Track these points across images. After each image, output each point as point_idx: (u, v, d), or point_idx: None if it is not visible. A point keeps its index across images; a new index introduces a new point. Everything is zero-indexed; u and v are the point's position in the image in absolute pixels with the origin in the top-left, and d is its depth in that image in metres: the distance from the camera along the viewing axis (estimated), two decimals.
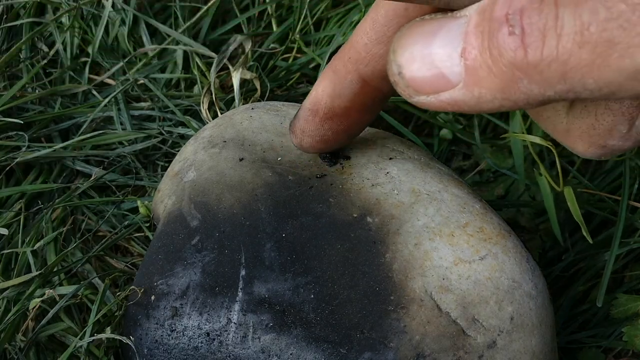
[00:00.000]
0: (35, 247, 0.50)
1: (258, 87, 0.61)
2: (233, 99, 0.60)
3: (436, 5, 0.29)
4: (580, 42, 0.23)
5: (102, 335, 0.41)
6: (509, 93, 0.26)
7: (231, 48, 0.63)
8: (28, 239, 0.51)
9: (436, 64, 0.28)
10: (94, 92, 0.62)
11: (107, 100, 0.60)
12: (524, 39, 0.24)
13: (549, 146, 0.49)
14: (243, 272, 0.38)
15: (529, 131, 0.60)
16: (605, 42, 0.23)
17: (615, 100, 0.29)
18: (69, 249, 0.50)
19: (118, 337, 0.40)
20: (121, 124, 0.59)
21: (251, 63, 0.63)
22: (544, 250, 0.56)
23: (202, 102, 0.60)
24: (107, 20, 0.66)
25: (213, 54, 0.63)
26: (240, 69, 0.61)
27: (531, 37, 0.24)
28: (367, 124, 0.41)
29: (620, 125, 0.30)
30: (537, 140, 0.50)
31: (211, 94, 0.61)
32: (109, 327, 0.43)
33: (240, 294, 0.38)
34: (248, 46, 0.63)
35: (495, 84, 0.26)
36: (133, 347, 0.39)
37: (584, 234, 0.48)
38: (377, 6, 0.34)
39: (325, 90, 0.38)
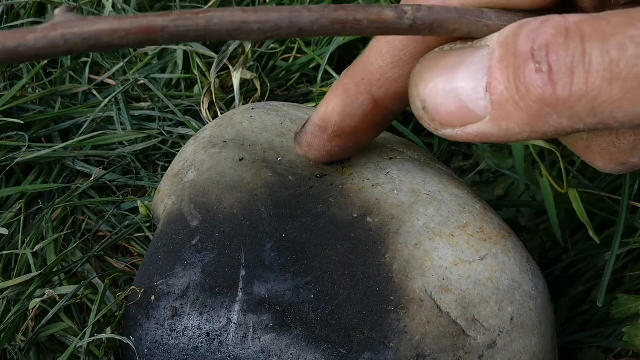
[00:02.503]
0: (35, 249, 0.50)
1: (258, 87, 0.61)
2: (233, 99, 0.60)
3: (456, 36, 0.28)
4: (609, 78, 0.24)
5: (103, 336, 0.41)
6: (538, 126, 0.26)
7: (231, 48, 0.63)
8: (28, 239, 0.51)
9: (461, 97, 0.28)
10: (94, 92, 0.62)
11: (107, 100, 0.60)
12: (551, 76, 0.24)
13: (552, 149, 0.49)
14: (243, 273, 0.38)
15: None
16: (635, 77, 0.23)
17: None
18: (69, 249, 0.50)
19: (118, 338, 0.40)
20: (121, 124, 0.59)
21: (251, 63, 0.63)
22: (544, 251, 0.56)
23: (202, 102, 0.60)
24: None
25: (213, 54, 0.63)
26: (241, 69, 0.61)
27: (559, 74, 0.24)
28: (374, 138, 0.41)
29: None
30: (539, 142, 0.50)
31: (211, 94, 0.61)
32: (109, 327, 0.43)
33: (240, 294, 0.38)
34: (248, 46, 0.63)
35: (523, 119, 0.26)
36: (133, 347, 0.39)
37: (591, 234, 0.48)
38: None
39: (335, 109, 0.37)
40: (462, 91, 0.28)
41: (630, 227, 0.54)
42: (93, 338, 0.41)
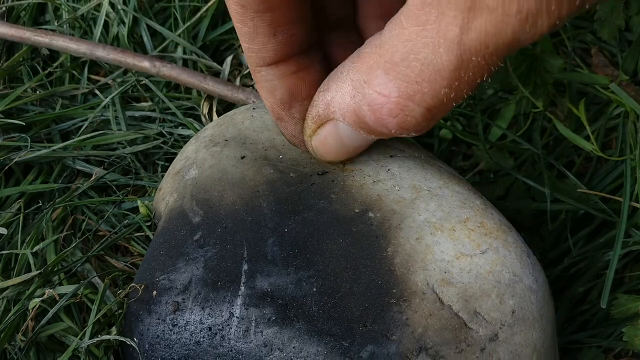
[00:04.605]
0: (35, 249, 0.49)
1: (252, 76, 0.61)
2: (233, 105, 0.60)
3: None
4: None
5: (105, 337, 0.41)
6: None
7: (228, 69, 0.63)
8: (28, 238, 0.51)
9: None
10: (97, 92, 0.62)
11: (106, 101, 0.60)
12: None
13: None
14: (245, 267, 0.38)
15: (528, 133, 0.60)
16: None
17: None
18: (69, 248, 0.50)
19: (120, 338, 0.40)
20: (117, 124, 0.60)
21: (248, 69, 0.63)
22: (545, 251, 0.56)
23: (202, 106, 0.61)
24: (107, 21, 0.66)
25: (214, 64, 0.63)
26: (239, 79, 0.62)
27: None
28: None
29: None
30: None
31: (211, 99, 0.61)
32: (110, 327, 0.43)
33: (242, 288, 0.38)
34: (244, 61, 0.64)
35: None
36: (136, 347, 0.39)
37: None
38: None
39: (265, 95, 0.40)
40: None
41: (629, 227, 0.54)
42: (96, 339, 0.41)
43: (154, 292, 0.39)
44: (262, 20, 0.35)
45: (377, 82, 0.33)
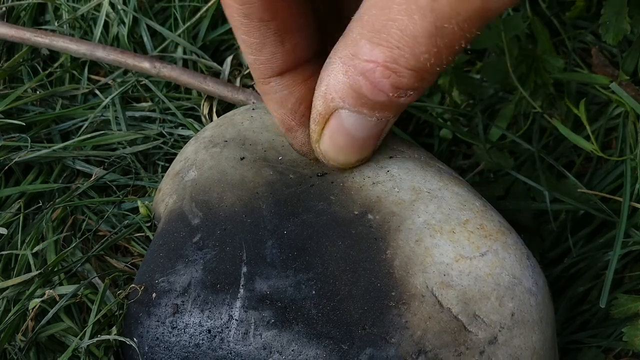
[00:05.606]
0: (35, 250, 0.49)
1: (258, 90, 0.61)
2: (232, 105, 0.60)
3: None
4: None
5: (105, 337, 0.41)
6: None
7: (228, 69, 0.63)
8: (28, 238, 0.51)
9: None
10: (97, 92, 0.62)
11: (106, 101, 0.60)
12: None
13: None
14: (244, 269, 0.38)
15: (529, 133, 0.60)
16: None
17: None
18: (69, 248, 0.50)
19: (120, 339, 0.40)
20: (117, 124, 0.60)
21: (248, 70, 0.63)
22: (544, 251, 0.56)
23: (202, 107, 0.61)
24: (107, 21, 0.66)
25: (214, 64, 0.63)
26: (239, 80, 0.62)
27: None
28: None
29: None
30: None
31: (211, 99, 0.61)
32: (110, 327, 0.43)
33: (241, 290, 0.38)
34: (245, 61, 0.64)
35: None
36: (136, 347, 0.39)
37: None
38: None
39: (274, 107, 0.40)
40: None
41: (628, 227, 0.54)
42: (96, 339, 0.41)
43: (154, 295, 0.39)
44: (269, 29, 0.35)
45: (363, 51, 0.33)
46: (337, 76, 0.35)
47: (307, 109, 0.39)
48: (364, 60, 0.33)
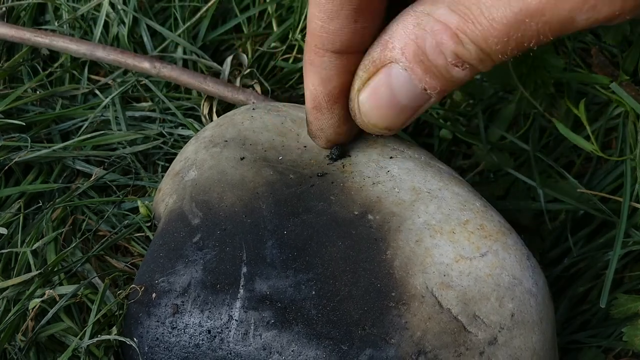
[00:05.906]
0: (34, 247, 0.49)
1: (258, 89, 0.61)
2: (232, 105, 0.60)
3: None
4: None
5: (105, 337, 0.41)
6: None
7: (228, 69, 0.63)
8: (28, 238, 0.51)
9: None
10: (97, 92, 0.62)
11: (106, 101, 0.60)
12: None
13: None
14: (244, 270, 0.38)
15: (526, 134, 0.60)
16: None
17: None
18: (69, 248, 0.50)
19: (120, 339, 0.40)
20: (117, 124, 0.60)
21: (248, 70, 0.63)
22: (544, 251, 0.56)
23: (202, 107, 0.61)
24: (107, 21, 0.66)
25: (214, 64, 0.63)
26: (239, 80, 0.62)
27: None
28: None
29: None
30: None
31: (211, 99, 0.61)
32: (110, 327, 0.43)
33: (241, 291, 0.38)
34: (245, 61, 0.64)
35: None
36: (136, 347, 0.39)
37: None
38: None
39: (315, 83, 0.39)
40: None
41: (628, 227, 0.54)
42: (96, 339, 0.41)
43: (154, 295, 0.39)
44: (350, 2, 0.35)
45: (440, 12, 0.34)
46: (406, 26, 0.35)
47: (341, 97, 0.39)
48: (437, 20, 0.34)
